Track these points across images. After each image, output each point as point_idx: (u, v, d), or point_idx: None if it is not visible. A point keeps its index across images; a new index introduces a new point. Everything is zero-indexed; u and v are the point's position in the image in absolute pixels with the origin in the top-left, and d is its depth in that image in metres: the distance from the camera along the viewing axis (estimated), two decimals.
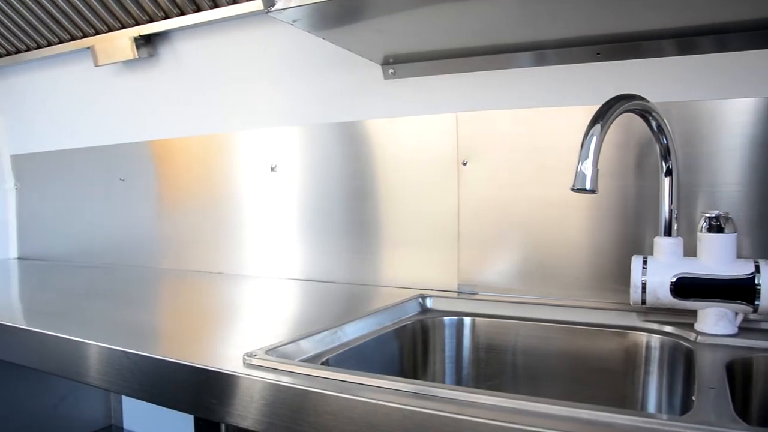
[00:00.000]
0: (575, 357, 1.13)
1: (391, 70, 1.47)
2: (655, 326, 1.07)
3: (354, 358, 0.96)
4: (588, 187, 0.90)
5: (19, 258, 2.52)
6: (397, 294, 1.39)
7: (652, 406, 1.04)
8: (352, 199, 1.58)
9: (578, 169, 0.91)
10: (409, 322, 1.17)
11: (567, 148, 1.28)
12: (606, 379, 1.10)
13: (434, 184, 1.45)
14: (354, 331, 1.02)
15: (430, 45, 1.32)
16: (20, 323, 1.13)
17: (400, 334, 1.13)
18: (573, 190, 0.91)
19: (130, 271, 1.95)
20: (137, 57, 1.80)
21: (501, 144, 1.35)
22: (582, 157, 0.91)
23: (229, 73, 1.78)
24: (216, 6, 1.61)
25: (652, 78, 1.22)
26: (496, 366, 1.21)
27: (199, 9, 1.65)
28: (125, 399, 2.28)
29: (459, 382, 1.22)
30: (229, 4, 1.58)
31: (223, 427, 0.86)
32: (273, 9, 1.05)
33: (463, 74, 1.41)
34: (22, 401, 2.04)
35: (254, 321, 1.18)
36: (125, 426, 2.29)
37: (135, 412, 2.27)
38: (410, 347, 1.17)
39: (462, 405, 0.66)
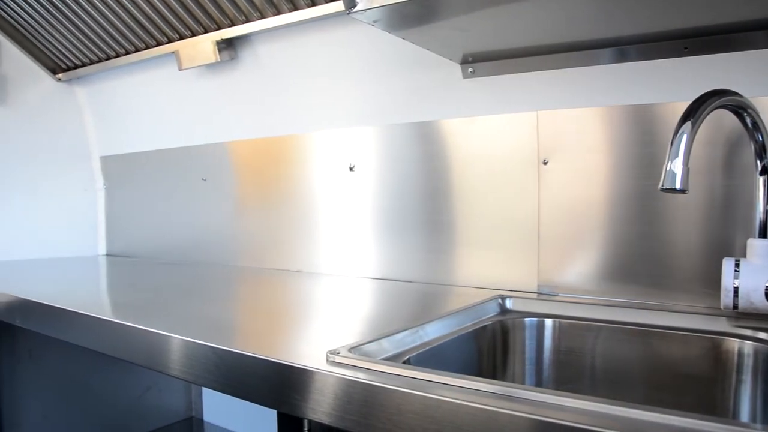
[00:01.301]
0: (658, 362, 1.09)
1: (470, 69, 1.46)
2: (749, 332, 1.02)
3: (434, 357, 0.96)
4: (678, 186, 0.87)
5: (107, 255, 2.65)
6: (474, 294, 1.38)
7: (745, 415, 1.00)
8: (429, 199, 1.58)
9: (667, 168, 0.88)
10: (489, 323, 1.16)
11: (652, 147, 1.24)
12: (692, 386, 1.06)
13: (513, 184, 1.43)
14: (434, 331, 1.02)
15: (510, 43, 1.31)
16: (110, 316, 1.18)
17: (479, 335, 1.13)
18: (662, 189, 0.88)
19: (211, 269, 2.01)
20: (219, 60, 1.86)
21: (583, 143, 1.32)
22: (671, 155, 0.88)
23: (307, 74, 1.81)
24: (295, 8, 1.64)
25: (745, 72, 1.16)
26: (575, 369, 1.18)
27: (278, 12, 1.68)
28: (205, 392, 2.36)
29: (539, 384, 1.20)
30: (308, 6, 1.61)
31: (306, 422, 0.88)
32: (354, 10, 1.06)
33: (543, 72, 1.39)
34: (111, 390, 2.14)
35: (333, 319, 1.20)
36: (205, 418, 2.37)
37: (214, 405, 2.34)
38: (490, 348, 1.16)
39: (548, 408, 0.65)
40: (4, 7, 2.24)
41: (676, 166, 0.86)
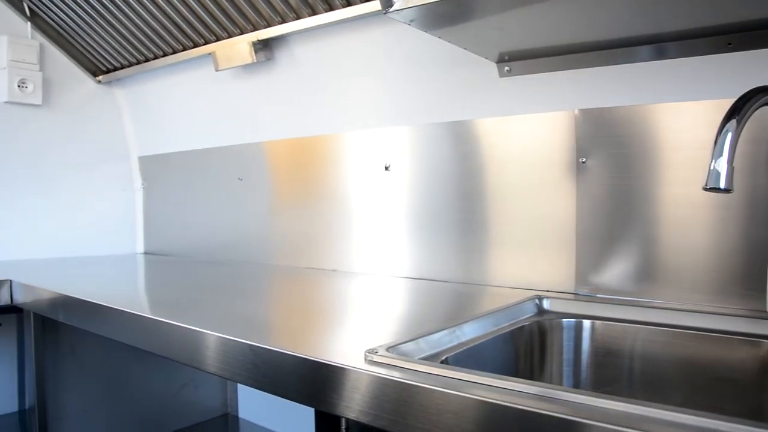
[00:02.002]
0: (698, 365, 1.07)
1: (507, 68, 1.45)
2: None
3: (471, 358, 0.96)
4: (723, 186, 0.85)
5: (144, 253, 2.69)
6: (509, 294, 1.37)
7: None
8: (463, 198, 1.58)
9: (711, 167, 0.86)
10: (526, 324, 1.15)
11: (693, 145, 1.22)
12: (733, 389, 1.03)
13: (551, 183, 1.42)
14: (471, 331, 1.02)
15: (547, 41, 1.29)
16: (149, 313, 1.20)
17: (516, 336, 1.12)
18: (705, 189, 0.86)
19: (247, 267, 2.03)
20: (255, 61, 1.88)
21: (622, 141, 1.30)
22: (716, 154, 0.86)
23: (343, 74, 1.82)
24: (331, 9, 1.65)
25: None
26: (613, 371, 1.16)
27: (314, 12, 1.69)
28: (240, 389, 2.39)
29: (577, 386, 1.18)
30: (343, 7, 1.61)
31: (343, 421, 0.88)
32: (391, 9, 1.06)
33: (581, 70, 1.37)
34: (149, 386, 2.18)
35: (369, 318, 1.20)
36: (240, 415, 2.39)
37: (249, 402, 2.36)
38: (527, 349, 1.15)
39: (589, 410, 0.64)
40: (49, 12, 2.30)
41: (721, 165, 0.85)
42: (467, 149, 1.57)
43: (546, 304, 1.27)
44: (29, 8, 2.33)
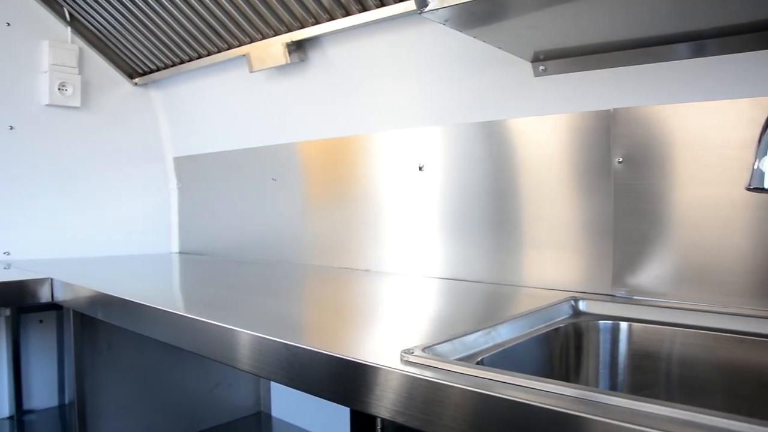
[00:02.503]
0: (739, 369, 1.05)
1: (542, 67, 1.44)
2: None
3: (507, 359, 0.95)
4: (767, 185, 0.83)
5: (179, 252, 2.73)
6: (544, 296, 1.36)
7: None
8: (497, 198, 1.57)
9: (755, 167, 0.84)
10: (562, 325, 1.14)
11: (734, 144, 1.19)
12: None
13: (586, 183, 1.40)
14: (507, 332, 1.01)
15: (584, 39, 1.28)
16: (185, 312, 1.21)
17: (552, 337, 1.11)
18: (749, 189, 0.85)
19: (280, 267, 2.04)
20: (289, 62, 1.89)
21: (660, 141, 1.28)
22: (759, 153, 0.84)
23: (376, 74, 1.82)
24: (364, 9, 1.65)
25: None
26: (651, 374, 1.14)
27: (347, 13, 1.70)
28: (273, 388, 2.41)
29: (614, 389, 1.17)
30: (377, 7, 1.62)
31: (378, 421, 0.88)
32: (426, 9, 1.06)
33: (618, 69, 1.35)
34: (184, 383, 2.21)
35: (403, 318, 1.20)
36: (273, 414, 2.41)
37: (282, 401, 2.38)
38: (563, 351, 1.14)
39: (630, 414, 0.63)
40: (87, 17, 2.34)
41: (765, 164, 0.83)
42: (501, 149, 1.56)
43: (582, 306, 1.26)
44: (69, 13, 2.38)
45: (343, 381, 0.86)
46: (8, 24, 2.27)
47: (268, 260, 2.23)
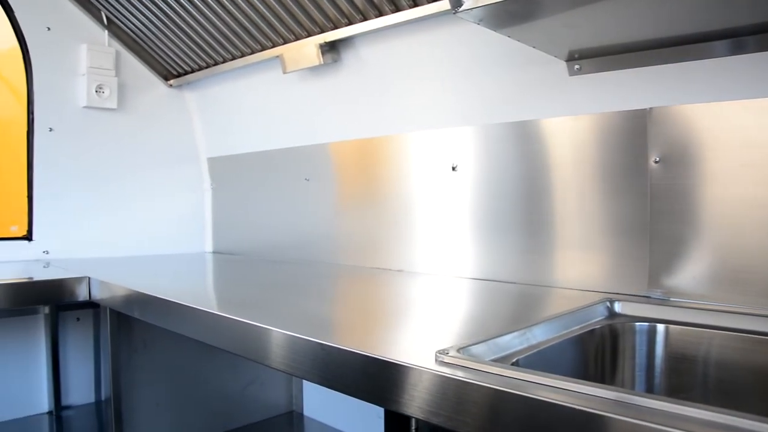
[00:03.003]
0: None
1: (577, 66, 1.42)
2: None
3: (542, 360, 0.94)
4: None
5: (213, 252, 2.76)
6: (578, 296, 1.34)
7: None
8: (530, 199, 1.56)
9: None
10: (598, 327, 1.13)
11: None
12: None
13: (621, 183, 1.38)
14: (541, 334, 1.00)
15: (620, 38, 1.26)
16: (219, 310, 1.22)
17: (587, 339, 1.10)
18: None
19: (313, 267, 2.06)
20: (322, 63, 1.90)
21: (699, 140, 1.26)
22: None
23: (409, 75, 1.82)
24: (397, 9, 1.65)
25: None
26: (688, 377, 1.13)
27: (381, 13, 1.70)
28: (306, 387, 2.42)
29: (650, 392, 1.15)
30: (410, 7, 1.62)
31: (413, 421, 0.88)
32: (460, 9, 1.06)
33: (654, 67, 1.33)
34: (217, 382, 2.23)
35: (437, 318, 1.20)
36: (305, 413, 2.42)
37: (314, 400, 2.39)
38: (598, 352, 1.13)
39: (671, 418, 0.62)
40: (124, 20, 2.39)
41: None
42: (534, 149, 1.55)
43: (617, 307, 1.24)
44: (107, 17, 2.43)
45: (378, 381, 0.86)
46: (48, 28, 2.33)
47: (301, 260, 2.25)
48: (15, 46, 2.31)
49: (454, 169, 1.72)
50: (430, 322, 1.16)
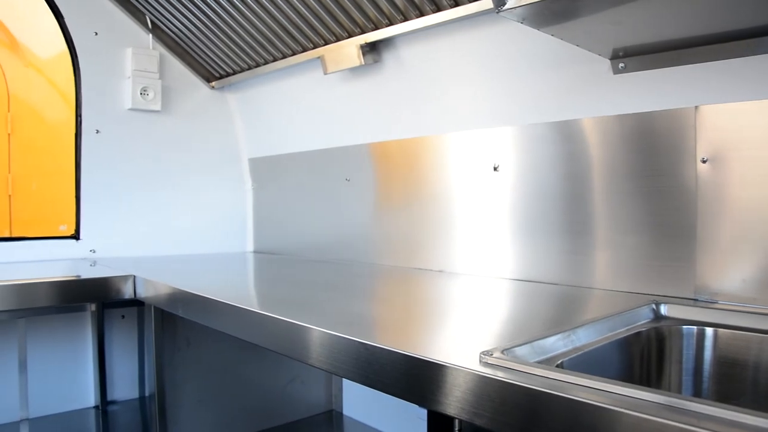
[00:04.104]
0: None
1: (621, 64, 1.40)
2: None
3: (587, 362, 0.93)
4: None
5: (254, 251, 2.79)
6: (622, 298, 1.32)
7: None
8: (573, 199, 1.54)
9: None
10: (644, 329, 1.11)
11: None
12: None
13: (666, 183, 1.35)
14: (586, 336, 0.99)
15: (667, 34, 1.24)
16: (261, 309, 1.24)
17: (632, 342, 1.08)
18: None
19: (353, 267, 2.06)
20: (363, 63, 1.90)
21: (749, 139, 1.23)
22: None
23: (449, 75, 1.81)
24: (438, 9, 1.64)
25: None
26: (738, 383, 1.10)
27: (422, 14, 1.70)
28: (345, 387, 2.43)
29: (698, 397, 1.12)
30: (451, 7, 1.61)
31: (456, 422, 0.88)
32: (503, 8, 1.05)
33: (702, 65, 1.30)
34: (258, 380, 2.26)
35: (479, 319, 1.19)
36: (344, 412, 2.44)
37: (354, 399, 2.40)
38: (644, 356, 1.11)
39: (721, 424, 0.61)
40: (168, 24, 2.43)
41: None
42: (577, 149, 1.53)
43: (663, 310, 1.22)
44: (151, 21, 2.48)
45: (422, 381, 0.86)
46: (96, 33, 2.39)
47: (342, 260, 2.26)
48: (64, 51, 2.38)
49: (495, 169, 1.71)
50: (471, 323, 1.16)
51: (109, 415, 2.34)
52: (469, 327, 1.12)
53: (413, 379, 0.88)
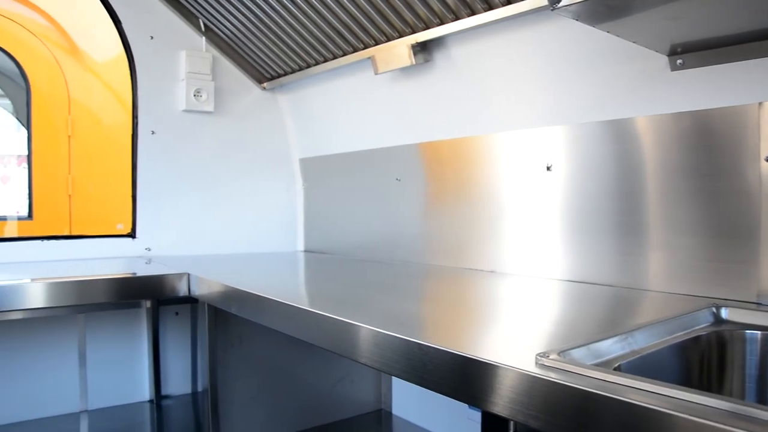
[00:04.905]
0: None
1: (679, 61, 1.36)
2: None
3: (644, 366, 0.91)
4: None
5: (305, 251, 2.82)
6: (679, 301, 1.29)
7: None
8: (626, 199, 1.51)
9: None
10: (704, 333, 1.07)
11: None
12: None
13: (727, 182, 1.31)
14: (644, 339, 0.97)
15: (727, 29, 1.20)
16: (313, 307, 1.25)
17: (692, 346, 1.05)
18: None
19: (404, 267, 2.06)
20: (414, 63, 1.90)
21: None
22: None
23: (501, 74, 1.79)
24: (490, 8, 1.63)
25: None
26: None
27: (473, 12, 1.68)
28: (395, 386, 2.43)
29: (762, 404, 1.08)
30: (503, 5, 1.59)
31: (511, 424, 0.87)
32: (559, 6, 1.04)
33: (762, 60, 1.25)
34: (309, 378, 2.28)
35: (531, 320, 1.18)
36: (393, 411, 2.44)
37: (403, 399, 2.40)
38: (704, 361, 1.08)
39: None
40: (220, 27, 2.48)
41: None
42: (632, 148, 1.49)
43: (724, 314, 1.18)
44: (204, 24, 2.53)
45: (476, 382, 0.85)
46: (152, 37, 2.45)
47: (392, 260, 2.26)
48: (118, 55, 2.45)
49: (548, 168, 1.68)
50: (525, 324, 1.15)
51: (163, 409, 2.40)
52: (522, 328, 1.11)
53: (467, 379, 0.87)
